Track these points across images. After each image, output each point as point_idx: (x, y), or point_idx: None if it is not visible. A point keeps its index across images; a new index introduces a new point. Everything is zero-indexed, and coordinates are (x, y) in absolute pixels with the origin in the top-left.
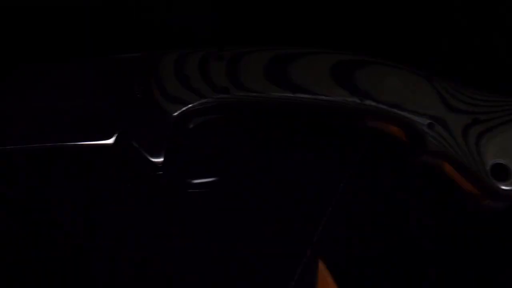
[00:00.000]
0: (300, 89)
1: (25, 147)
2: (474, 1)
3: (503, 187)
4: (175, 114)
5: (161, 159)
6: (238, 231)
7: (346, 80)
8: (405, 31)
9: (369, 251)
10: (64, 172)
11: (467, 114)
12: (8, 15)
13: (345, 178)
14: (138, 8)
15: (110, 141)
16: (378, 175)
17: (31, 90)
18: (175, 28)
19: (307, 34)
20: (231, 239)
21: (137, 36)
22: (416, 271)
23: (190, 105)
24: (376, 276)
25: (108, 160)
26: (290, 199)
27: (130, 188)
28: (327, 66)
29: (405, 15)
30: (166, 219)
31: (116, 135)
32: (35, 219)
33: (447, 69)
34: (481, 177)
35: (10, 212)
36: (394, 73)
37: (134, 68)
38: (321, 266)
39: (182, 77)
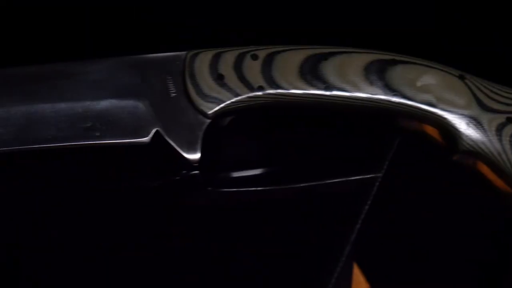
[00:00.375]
0: (334, 87)
1: (60, 145)
2: (474, 1)
3: None
4: (210, 112)
5: (197, 157)
6: (272, 234)
7: (380, 79)
8: (405, 31)
9: (404, 252)
10: (100, 170)
11: (501, 114)
12: (8, 15)
13: (380, 177)
14: (138, 8)
15: (146, 139)
16: (411, 173)
17: (67, 88)
18: (175, 28)
19: (306, 33)
20: (267, 242)
21: (137, 36)
22: (451, 272)
23: (225, 104)
24: (411, 278)
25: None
26: (324, 200)
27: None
28: (361, 65)
29: (405, 15)
30: (204, 219)
31: (152, 133)
32: (63, 216)
33: None
34: None
35: (41, 208)
36: (428, 72)
37: (168, 67)
38: (355, 268)
39: (217, 76)
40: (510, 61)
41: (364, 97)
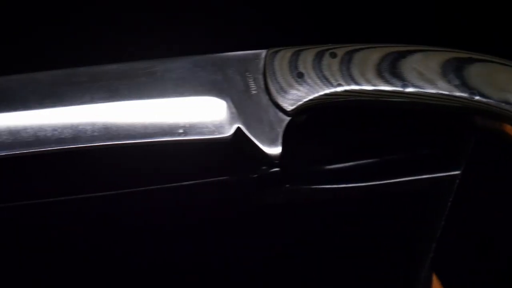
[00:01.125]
0: (412, 85)
1: (145, 142)
2: (474, 1)
3: None
4: (290, 109)
5: (278, 153)
6: (354, 233)
7: (457, 77)
8: (405, 31)
9: (479, 253)
10: (180, 166)
11: None
12: (8, 14)
13: (459, 175)
14: (138, 8)
15: (228, 135)
16: (488, 172)
17: (149, 86)
18: (175, 29)
19: (305, 33)
20: (349, 242)
21: (137, 37)
22: None
23: (304, 101)
24: (485, 280)
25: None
26: (406, 198)
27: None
28: (438, 63)
29: (405, 15)
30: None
31: (234, 129)
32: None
33: None
34: None
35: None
36: (506, 71)
37: (248, 65)
38: (435, 281)
39: (296, 74)
40: (510, 61)
41: (441, 95)
